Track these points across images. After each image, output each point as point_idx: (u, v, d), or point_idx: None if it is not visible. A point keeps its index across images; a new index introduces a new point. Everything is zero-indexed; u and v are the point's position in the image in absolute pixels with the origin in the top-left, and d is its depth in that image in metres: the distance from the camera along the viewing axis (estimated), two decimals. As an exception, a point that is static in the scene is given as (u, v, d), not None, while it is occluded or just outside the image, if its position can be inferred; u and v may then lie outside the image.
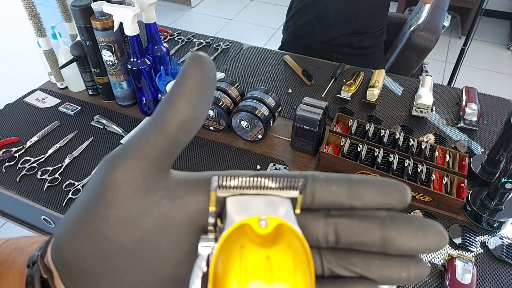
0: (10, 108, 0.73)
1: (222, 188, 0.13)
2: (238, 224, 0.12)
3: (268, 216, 0.12)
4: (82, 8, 0.61)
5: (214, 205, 0.13)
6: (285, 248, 0.11)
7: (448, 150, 0.59)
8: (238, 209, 0.12)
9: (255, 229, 0.12)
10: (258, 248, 0.11)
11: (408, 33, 0.85)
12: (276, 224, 0.12)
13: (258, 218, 0.12)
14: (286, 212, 0.13)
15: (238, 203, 0.13)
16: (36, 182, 0.58)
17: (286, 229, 0.12)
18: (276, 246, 0.11)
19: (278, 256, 0.11)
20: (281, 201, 0.13)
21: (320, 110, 0.58)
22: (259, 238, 0.12)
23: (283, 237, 0.12)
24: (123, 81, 0.69)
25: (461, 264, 0.46)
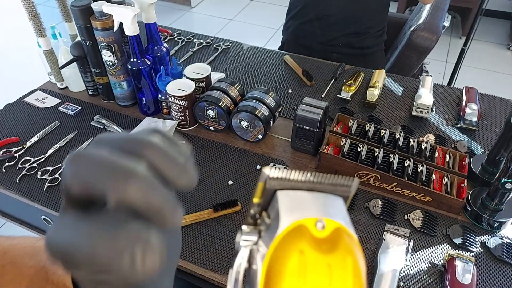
0: (10, 108, 0.73)
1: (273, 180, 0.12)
2: (294, 224, 0.11)
3: (326, 218, 0.11)
4: (82, 8, 0.61)
5: (260, 197, 0.12)
6: (344, 256, 0.11)
7: (448, 150, 0.59)
8: (292, 206, 0.11)
9: (312, 231, 0.11)
10: (318, 255, 0.10)
11: (409, 33, 0.85)
12: (335, 227, 0.11)
13: (315, 220, 0.11)
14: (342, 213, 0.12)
15: (291, 199, 0.12)
16: (36, 182, 0.58)
17: (343, 233, 0.11)
18: (335, 252, 0.11)
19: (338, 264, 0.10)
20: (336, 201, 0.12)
21: (320, 110, 0.58)
22: (316, 241, 0.11)
23: (341, 243, 0.11)
24: (123, 81, 0.69)
25: (461, 264, 0.46)
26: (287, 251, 0.11)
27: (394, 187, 0.55)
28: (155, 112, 0.71)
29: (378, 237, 0.51)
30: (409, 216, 0.53)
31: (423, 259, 0.49)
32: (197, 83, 0.66)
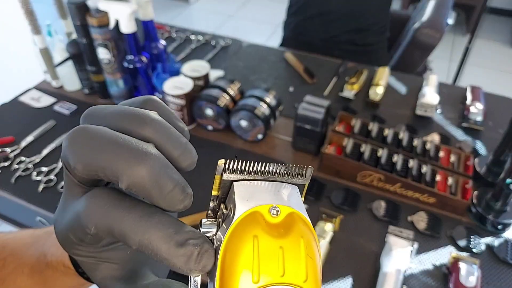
0: (5, 108, 0.72)
1: (229, 172, 0.12)
2: (249, 211, 0.12)
3: (279, 205, 0.12)
4: (78, 5, 0.60)
5: (217, 190, 0.13)
6: (297, 238, 0.11)
7: (453, 150, 0.58)
8: (247, 196, 0.12)
9: (266, 217, 0.12)
10: (271, 238, 0.11)
11: (412, 30, 0.83)
12: (287, 212, 0.12)
13: (269, 206, 0.12)
14: (296, 199, 0.12)
15: (246, 188, 0.12)
16: (31, 183, 0.57)
17: (296, 217, 0.12)
18: (289, 236, 0.11)
19: (291, 246, 0.11)
20: (289, 188, 0.13)
21: (322, 109, 0.57)
22: (269, 226, 0.11)
23: (294, 227, 0.12)
24: (120, 80, 0.68)
25: (466, 266, 0.45)
26: (242, 237, 0.11)
27: (398, 188, 0.54)
28: (153, 111, 0.70)
29: (381, 239, 0.50)
30: (413, 218, 0.52)
31: (427, 262, 0.48)
32: (196, 81, 0.65)
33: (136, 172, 0.11)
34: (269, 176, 0.13)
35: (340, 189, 0.56)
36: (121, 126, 0.12)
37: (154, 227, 0.12)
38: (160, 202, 0.12)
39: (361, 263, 0.48)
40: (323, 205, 0.54)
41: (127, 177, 0.11)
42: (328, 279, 0.47)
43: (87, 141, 0.12)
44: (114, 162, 0.11)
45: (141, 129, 0.12)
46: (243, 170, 0.12)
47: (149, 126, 0.12)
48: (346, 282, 0.46)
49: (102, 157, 0.11)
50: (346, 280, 0.47)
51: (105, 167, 0.11)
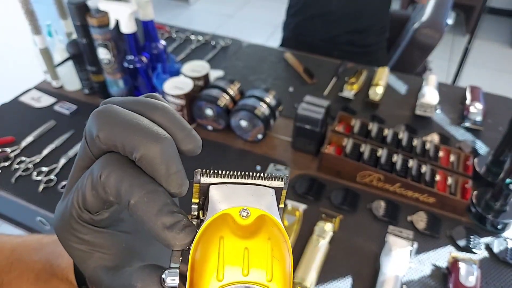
0: (5, 108, 0.72)
1: (206, 176, 0.13)
2: (218, 214, 0.12)
3: (250, 207, 0.12)
4: (78, 5, 0.60)
5: (197, 198, 0.13)
6: (264, 240, 0.12)
7: (452, 150, 0.58)
8: (221, 198, 0.13)
9: (236, 219, 0.12)
10: (236, 239, 0.11)
11: (412, 31, 0.84)
12: (258, 215, 0.12)
13: (240, 209, 0.12)
14: (269, 203, 0.13)
15: (221, 192, 0.13)
16: (31, 183, 0.57)
17: (267, 220, 0.12)
18: (256, 237, 0.12)
19: (256, 247, 0.11)
20: (265, 192, 0.13)
21: (322, 109, 0.57)
22: (239, 228, 0.12)
23: (264, 228, 0.12)
24: (120, 80, 0.68)
25: (465, 266, 0.45)
26: (209, 238, 0.12)
27: (397, 188, 0.54)
28: (153, 111, 0.70)
29: (380, 239, 0.50)
30: (413, 218, 0.52)
31: (427, 262, 0.48)
32: (196, 81, 0.65)
33: (151, 148, 0.13)
34: (245, 180, 0.13)
35: (340, 189, 0.56)
36: (136, 110, 0.14)
37: (156, 199, 0.13)
38: (163, 180, 0.13)
39: (360, 263, 0.48)
40: (323, 205, 0.54)
41: (142, 150, 0.13)
42: (328, 279, 0.47)
43: (113, 116, 0.13)
44: (134, 137, 0.13)
45: (152, 114, 0.14)
46: (219, 174, 0.13)
47: (159, 111, 0.14)
48: (346, 282, 0.46)
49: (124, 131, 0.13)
50: (346, 280, 0.47)
51: (125, 140, 0.13)
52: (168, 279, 0.12)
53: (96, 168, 0.13)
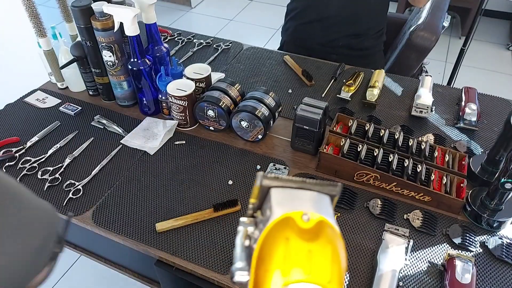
0: (10, 108, 0.73)
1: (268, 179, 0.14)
2: (283, 216, 0.13)
3: (310, 212, 0.13)
4: (82, 9, 0.62)
5: (256, 198, 0.14)
6: (325, 244, 0.13)
7: (447, 150, 0.59)
8: (282, 202, 0.13)
9: (298, 223, 0.13)
10: (302, 242, 0.12)
11: (408, 33, 0.85)
12: (318, 220, 0.13)
13: (302, 213, 0.13)
14: (326, 208, 0.14)
15: (282, 195, 0.14)
16: (36, 182, 0.58)
17: (325, 225, 0.13)
18: (317, 241, 0.12)
19: (319, 250, 0.12)
20: (321, 198, 0.14)
21: (320, 110, 0.58)
22: (302, 232, 0.13)
23: (323, 233, 0.13)
24: (123, 82, 0.69)
25: (461, 264, 0.46)
26: (276, 238, 0.13)
27: (394, 186, 0.56)
28: (155, 112, 0.71)
29: (377, 237, 0.51)
30: (409, 216, 0.54)
31: (423, 259, 0.49)
32: (197, 83, 0.67)
33: None
34: (303, 185, 0.14)
35: (338, 188, 0.57)
36: None
37: None
38: None
39: (357, 260, 0.49)
40: (321, 203, 0.55)
41: None
42: (327, 275, 0.47)
43: None
44: None
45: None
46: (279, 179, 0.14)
47: None
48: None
49: None
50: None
51: None
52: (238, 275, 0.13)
53: None
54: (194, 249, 0.50)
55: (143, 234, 0.51)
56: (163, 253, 0.50)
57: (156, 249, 0.50)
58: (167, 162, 0.62)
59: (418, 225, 0.52)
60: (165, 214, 0.54)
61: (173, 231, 0.51)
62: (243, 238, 0.14)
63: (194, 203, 0.55)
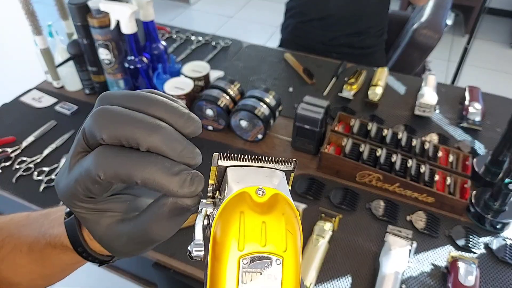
0: (6, 108, 0.72)
1: (223, 159, 0.15)
2: (238, 191, 0.13)
3: (265, 186, 0.14)
4: (79, 6, 0.60)
5: (214, 179, 0.15)
6: (279, 215, 0.13)
7: (451, 150, 0.58)
8: (238, 179, 0.14)
9: (253, 197, 0.13)
10: (255, 214, 0.13)
11: (411, 31, 0.84)
12: (272, 193, 0.14)
13: (256, 188, 0.13)
14: (280, 183, 0.14)
15: (238, 173, 0.14)
16: (32, 183, 0.58)
17: (280, 198, 0.14)
18: (271, 213, 0.13)
19: (273, 222, 0.13)
20: (276, 174, 0.15)
21: (322, 109, 0.57)
22: (256, 205, 0.13)
23: (277, 206, 0.13)
24: (120, 80, 0.68)
25: (464, 265, 0.45)
26: (231, 213, 0.13)
27: (397, 187, 0.55)
28: (153, 111, 0.70)
29: (380, 239, 0.50)
30: (412, 217, 0.53)
31: (426, 261, 0.48)
32: (196, 81, 0.66)
33: (152, 139, 0.14)
34: (259, 163, 0.15)
35: (339, 189, 0.56)
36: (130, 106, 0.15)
37: (152, 162, 0.14)
38: (176, 159, 0.15)
39: (360, 262, 0.48)
40: (322, 204, 0.54)
41: (145, 143, 0.14)
42: (328, 278, 0.47)
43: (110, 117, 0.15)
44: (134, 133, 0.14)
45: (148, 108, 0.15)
46: (235, 157, 0.14)
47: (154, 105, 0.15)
48: (345, 281, 0.47)
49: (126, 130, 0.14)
50: (345, 279, 0.47)
51: (128, 137, 0.14)
52: (194, 251, 0.14)
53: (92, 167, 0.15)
54: (192, 251, 0.49)
55: (141, 236, 0.50)
56: (161, 255, 0.49)
57: (153, 251, 0.49)
58: (165, 162, 0.61)
59: (421, 226, 0.52)
60: (163, 215, 0.53)
61: (171, 233, 0.51)
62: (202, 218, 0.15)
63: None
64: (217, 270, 0.13)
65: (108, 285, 1.00)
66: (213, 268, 0.13)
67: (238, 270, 0.12)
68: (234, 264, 0.12)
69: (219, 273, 0.12)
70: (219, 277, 0.12)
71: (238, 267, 0.12)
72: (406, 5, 1.95)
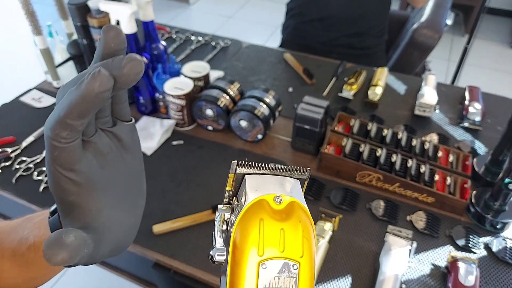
0: (6, 108, 0.72)
1: (241, 167, 0.15)
2: (257, 199, 0.14)
3: (282, 194, 0.14)
4: (79, 6, 0.60)
5: (231, 186, 0.16)
6: (296, 222, 0.14)
7: (451, 150, 0.58)
8: (256, 187, 0.15)
9: (271, 204, 0.14)
10: (274, 222, 0.14)
11: (411, 31, 0.84)
12: (289, 201, 0.14)
13: (274, 196, 0.14)
14: (296, 191, 0.15)
15: (256, 181, 0.15)
16: (32, 183, 0.58)
17: (296, 206, 0.14)
18: (289, 220, 0.14)
19: (290, 229, 0.14)
20: (292, 182, 0.16)
21: (321, 109, 0.57)
22: (274, 212, 0.14)
23: (294, 213, 0.14)
24: (121, 80, 0.68)
25: (464, 266, 0.45)
26: (251, 219, 0.14)
27: (397, 187, 0.55)
28: (152, 111, 0.70)
29: (380, 239, 0.50)
30: (412, 217, 0.53)
31: (426, 261, 0.48)
32: (196, 81, 0.65)
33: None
34: (275, 171, 0.15)
35: (339, 189, 0.56)
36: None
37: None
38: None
39: (360, 262, 0.48)
40: (322, 204, 0.54)
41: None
42: (328, 279, 0.47)
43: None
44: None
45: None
46: (253, 166, 0.15)
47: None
48: (346, 281, 0.47)
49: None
50: (346, 279, 0.47)
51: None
52: (216, 255, 0.14)
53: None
54: (192, 252, 0.49)
55: (140, 236, 0.50)
56: (161, 255, 0.49)
57: (153, 252, 0.49)
58: (165, 163, 0.61)
59: (421, 226, 0.52)
60: (163, 216, 0.53)
61: (171, 233, 0.51)
62: (220, 223, 0.15)
63: (192, 204, 0.54)
64: (237, 274, 0.13)
65: (108, 285, 1.00)
66: (233, 272, 0.13)
67: (258, 274, 0.13)
68: (254, 268, 0.13)
69: (239, 277, 0.13)
70: (239, 281, 0.13)
71: (258, 272, 0.13)
72: (406, 5, 1.94)
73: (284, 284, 0.13)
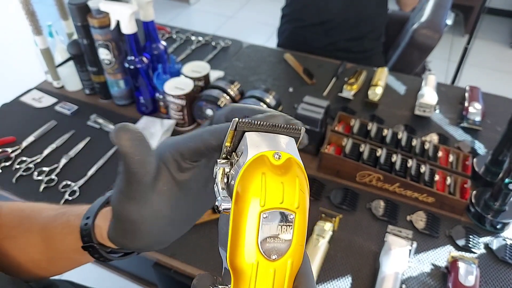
0: (6, 108, 0.72)
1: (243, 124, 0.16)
2: (258, 154, 0.15)
3: (281, 151, 0.16)
4: (79, 6, 0.60)
5: (230, 142, 0.17)
6: (294, 177, 0.15)
7: (451, 150, 0.58)
8: (257, 143, 0.16)
9: (271, 160, 0.15)
10: (275, 176, 0.15)
11: (411, 31, 0.84)
12: (287, 157, 0.16)
13: (274, 152, 0.15)
14: (292, 148, 0.16)
15: (255, 138, 0.16)
16: (32, 183, 0.58)
17: (293, 161, 0.16)
18: (287, 175, 0.15)
19: (289, 182, 0.15)
20: (288, 139, 0.17)
21: (322, 109, 0.57)
22: (274, 167, 0.15)
23: (291, 168, 0.15)
24: (120, 80, 0.68)
25: (464, 265, 0.45)
26: (253, 173, 0.15)
27: (397, 187, 0.55)
28: (152, 111, 0.70)
29: (380, 239, 0.50)
30: (412, 217, 0.53)
31: (426, 261, 0.48)
32: (196, 81, 0.66)
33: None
34: (272, 129, 0.16)
35: (340, 189, 0.56)
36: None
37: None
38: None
39: (360, 262, 0.48)
40: (322, 204, 0.54)
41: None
42: (328, 278, 0.47)
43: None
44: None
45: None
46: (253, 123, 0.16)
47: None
48: (346, 281, 0.47)
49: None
50: (346, 279, 0.47)
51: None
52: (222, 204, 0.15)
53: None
54: (192, 251, 0.49)
55: (141, 236, 0.50)
56: (161, 255, 0.49)
57: (153, 251, 0.49)
58: (166, 162, 0.61)
59: (421, 226, 0.52)
60: (163, 215, 0.53)
61: (171, 233, 0.51)
62: (221, 176, 0.16)
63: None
64: (240, 223, 0.15)
65: (108, 285, 1.00)
66: (235, 221, 0.15)
67: (259, 222, 0.14)
68: (255, 217, 0.14)
69: (242, 225, 0.14)
70: (241, 228, 0.14)
71: (259, 220, 0.14)
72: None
73: (282, 231, 0.15)
